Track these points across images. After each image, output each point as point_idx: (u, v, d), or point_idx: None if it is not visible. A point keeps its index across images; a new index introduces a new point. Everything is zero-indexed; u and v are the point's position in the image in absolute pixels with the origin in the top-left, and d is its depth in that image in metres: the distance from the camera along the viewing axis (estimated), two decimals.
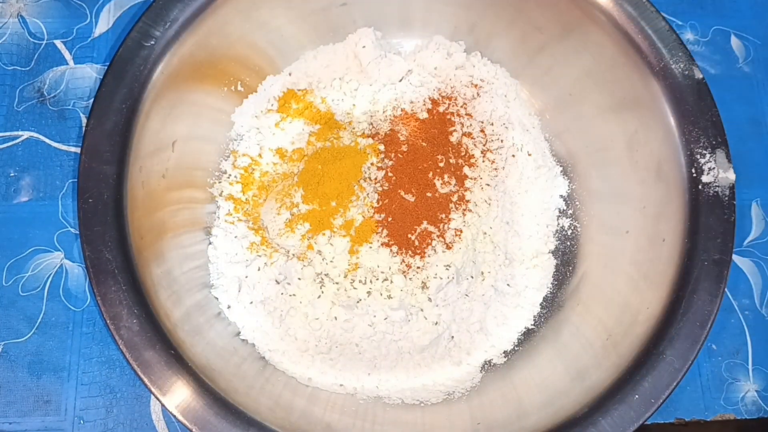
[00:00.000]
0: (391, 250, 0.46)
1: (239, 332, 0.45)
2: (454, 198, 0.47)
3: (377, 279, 0.45)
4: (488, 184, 0.49)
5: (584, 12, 0.45)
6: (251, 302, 0.45)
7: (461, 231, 0.47)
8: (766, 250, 0.51)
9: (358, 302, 0.45)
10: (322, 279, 0.45)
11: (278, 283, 0.46)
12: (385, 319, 0.45)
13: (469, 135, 0.50)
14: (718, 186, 0.42)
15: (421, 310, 0.45)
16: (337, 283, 0.45)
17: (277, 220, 0.47)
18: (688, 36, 0.54)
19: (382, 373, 0.45)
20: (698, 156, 0.43)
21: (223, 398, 0.38)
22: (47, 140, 0.49)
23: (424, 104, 0.50)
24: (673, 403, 0.47)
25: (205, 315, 0.44)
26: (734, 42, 0.55)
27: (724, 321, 0.49)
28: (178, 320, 0.40)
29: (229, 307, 0.45)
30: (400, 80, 0.51)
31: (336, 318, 0.45)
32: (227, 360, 0.42)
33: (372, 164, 0.48)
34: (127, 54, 0.42)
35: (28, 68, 0.50)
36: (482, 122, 0.50)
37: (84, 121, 0.49)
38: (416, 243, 0.46)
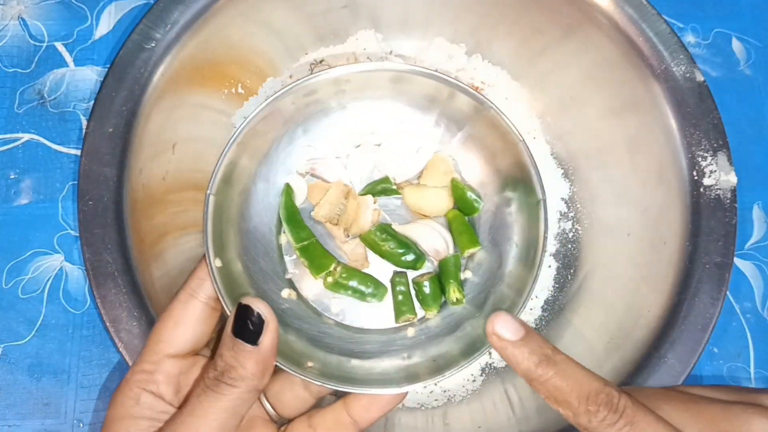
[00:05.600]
0: None
1: None
2: None
3: None
4: None
5: (585, 14, 0.45)
6: None
7: None
8: (767, 252, 0.50)
9: None
10: None
11: None
12: None
13: None
14: (720, 189, 0.42)
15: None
16: None
17: None
18: (689, 38, 0.54)
19: None
20: (699, 158, 0.43)
21: None
22: (47, 142, 0.49)
23: None
24: None
25: None
26: (735, 45, 0.55)
27: (726, 324, 0.48)
28: None
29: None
30: None
31: None
32: None
33: None
34: (127, 56, 0.42)
35: (28, 70, 0.50)
36: None
37: (84, 123, 0.49)
38: None
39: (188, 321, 0.36)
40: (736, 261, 0.50)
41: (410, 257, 0.44)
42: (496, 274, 0.42)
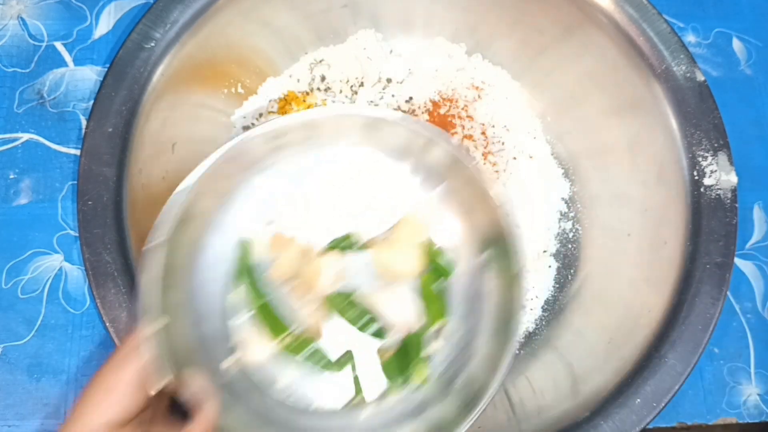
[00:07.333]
0: None
1: None
2: None
3: None
4: None
5: (586, 14, 0.45)
6: None
7: None
8: (767, 252, 0.50)
9: None
10: None
11: None
12: None
13: (470, 137, 0.50)
14: (720, 189, 0.42)
15: None
16: None
17: None
18: (689, 38, 0.54)
19: None
20: (700, 158, 0.42)
21: None
22: (47, 142, 0.49)
23: (425, 106, 0.50)
24: (675, 407, 0.46)
25: None
26: (736, 44, 0.54)
27: (726, 324, 0.48)
28: None
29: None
30: (401, 82, 0.51)
31: None
32: None
33: None
34: (127, 56, 0.42)
35: (28, 70, 0.50)
36: (483, 125, 0.50)
37: (84, 123, 0.49)
38: None
39: (120, 387, 0.31)
40: (737, 261, 0.49)
41: (372, 328, 0.40)
42: (470, 346, 0.39)
